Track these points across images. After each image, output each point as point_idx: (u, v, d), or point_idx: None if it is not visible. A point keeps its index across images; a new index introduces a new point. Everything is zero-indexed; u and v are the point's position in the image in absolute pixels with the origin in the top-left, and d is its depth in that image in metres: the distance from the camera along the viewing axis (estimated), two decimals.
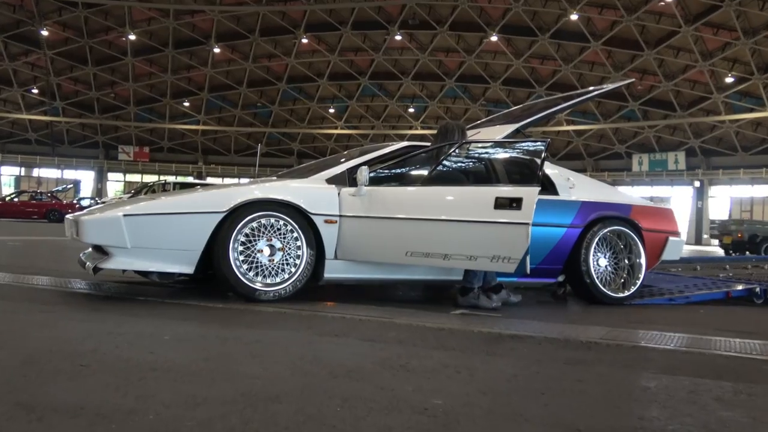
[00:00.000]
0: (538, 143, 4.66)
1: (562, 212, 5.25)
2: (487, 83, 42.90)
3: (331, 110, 49.07)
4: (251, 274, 4.30)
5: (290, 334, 3.37)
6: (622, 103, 40.80)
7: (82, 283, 4.98)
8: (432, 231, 4.43)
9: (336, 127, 49.74)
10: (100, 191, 47.95)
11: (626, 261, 5.47)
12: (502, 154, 5.11)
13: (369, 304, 4.53)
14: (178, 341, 3.04)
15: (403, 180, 4.87)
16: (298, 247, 4.42)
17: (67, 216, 4.84)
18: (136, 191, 24.89)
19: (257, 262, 4.32)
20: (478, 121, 6.68)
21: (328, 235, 4.50)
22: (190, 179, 44.00)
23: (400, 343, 3.24)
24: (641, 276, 5.47)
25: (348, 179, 4.70)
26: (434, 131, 5.25)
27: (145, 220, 4.17)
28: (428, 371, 2.66)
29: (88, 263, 4.36)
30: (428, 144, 5.22)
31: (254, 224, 4.32)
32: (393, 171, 4.86)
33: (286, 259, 4.39)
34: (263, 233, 4.35)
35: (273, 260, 4.36)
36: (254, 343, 3.09)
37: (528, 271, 4.27)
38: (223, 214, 4.25)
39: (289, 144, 50.84)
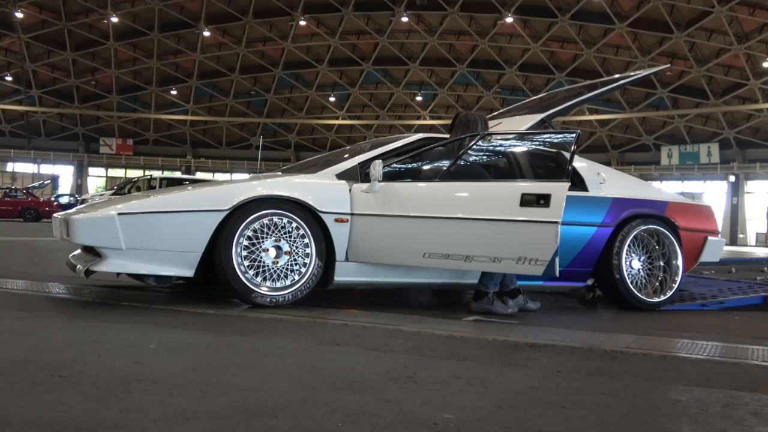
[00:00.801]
0: (568, 135, 4.68)
1: (591, 210, 5.25)
2: (501, 69, 42.88)
3: (332, 99, 49.10)
4: (254, 275, 4.32)
5: (288, 343, 3.38)
6: (649, 90, 40.74)
7: (60, 287, 5.00)
8: (452, 231, 4.45)
9: (337, 117, 49.77)
10: (80, 187, 48.06)
11: (661, 263, 5.46)
12: (527, 147, 5.12)
13: (373, 310, 4.53)
14: (166, 350, 3.05)
15: (420, 175, 4.89)
16: (307, 249, 4.44)
17: (56, 215, 4.86)
18: (119, 187, 24.93)
19: (262, 265, 4.34)
20: (499, 111, 6.70)
21: (339, 235, 4.52)
22: (177, 174, 44.14)
23: (407, 352, 3.25)
24: (678, 279, 5.46)
25: (360, 174, 4.72)
26: (446, 121, 5.27)
27: (141, 219, 4.19)
28: (438, 383, 2.67)
29: (78, 266, 4.37)
30: (446, 136, 5.24)
31: (259, 223, 4.34)
32: (409, 165, 4.87)
33: (294, 262, 4.41)
34: (269, 233, 4.37)
35: (280, 263, 4.38)
36: (248, 352, 3.10)
37: (557, 273, 4.28)
38: (226, 212, 4.27)
39: (285, 135, 50.91)
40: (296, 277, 4.41)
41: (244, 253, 4.30)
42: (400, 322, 4.04)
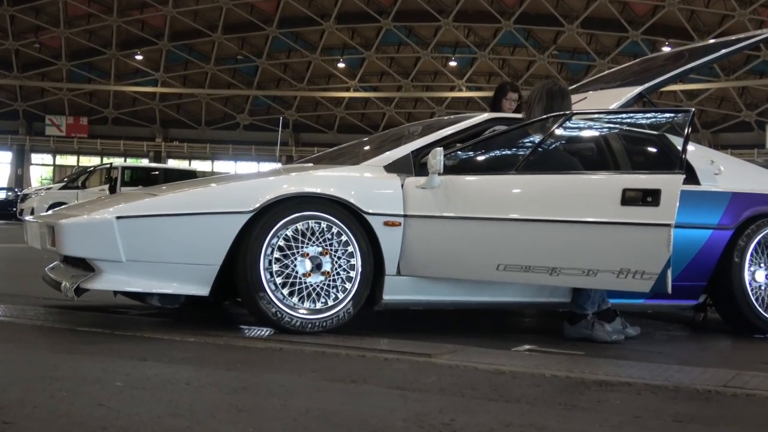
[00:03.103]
0: (679, 113, 4.70)
1: (705, 208, 5.23)
2: (559, 25, 42.73)
3: (341, 65, 49.14)
4: (291, 297, 4.35)
5: (289, 380, 3.39)
6: (750, 52, 40.40)
7: None
8: (534, 236, 4.48)
9: (347, 89, 49.82)
10: (20, 178, 48.36)
11: None
12: (625, 129, 5.12)
13: (398, 336, 4.54)
14: (136, 389, 3.07)
15: (491, 166, 4.92)
16: (351, 260, 4.47)
17: (30, 218, 4.91)
18: (70, 179, 25.15)
19: (298, 282, 4.37)
20: (581, 83, 6.71)
21: (389, 242, 4.55)
22: (144, 162, 44.35)
23: (442, 392, 3.25)
24: None
25: (414, 165, 4.75)
26: (487, 93, 5.30)
27: (145, 223, 4.24)
28: None
29: (64, 283, 4.39)
30: (520, 116, 5.26)
31: (290, 230, 4.36)
32: (476, 154, 4.90)
33: (335, 276, 4.45)
34: (305, 241, 4.40)
35: (318, 278, 4.41)
36: (240, 391, 3.12)
37: (669, 289, 4.28)
38: (250, 215, 4.31)
39: (282, 112, 50.88)
40: (344, 290, 4.45)
41: (277, 275, 4.32)
42: (432, 351, 4.04)
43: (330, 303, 4.42)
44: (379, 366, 3.72)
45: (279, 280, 4.33)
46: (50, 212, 5.32)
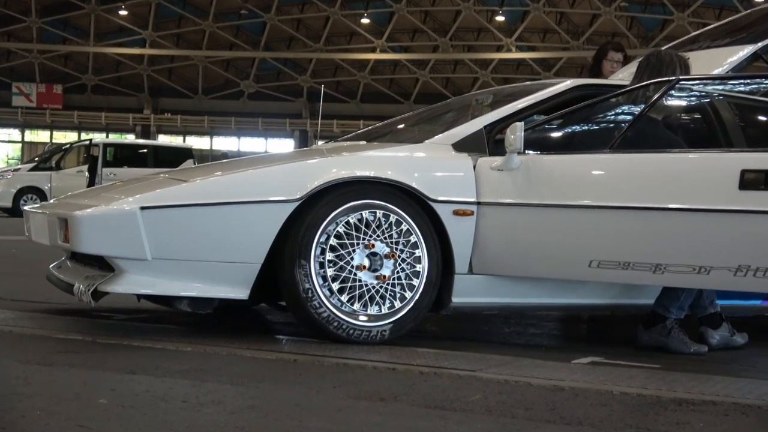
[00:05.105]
0: None
1: None
2: None
3: (365, 21, 49.09)
4: (347, 300, 4.37)
5: (306, 397, 3.40)
6: None
7: None
8: (635, 227, 4.47)
9: (373, 49, 49.76)
10: None
11: None
12: (742, 99, 5.11)
13: (434, 345, 4.54)
14: (123, 407, 3.09)
15: (580, 143, 4.92)
16: (416, 257, 4.49)
17: (31, 208, 4.94)
18: (42, 159, 25.28)
19: (355, 282, 4.39)
20: (679, 41, 6.68)
21: (460, 234, 4.55)
22: (130, 138, 44.53)
23: (488, 412, 3.25)
24: None
25: (488, 143, 4.75)
26: (544, 54, 5.27)
27: (174, 215, 4.27)
28: None
29: (77, 285, 4.41)
30: (614, 83, 5.27)
31: (349, 219, 4.39)
32: (562, 128, 4.92)
33: (398, 276, 4.47)
34: (362, 235, 4.42)
35: (372, 280, 4.43)
36: (246, 410, 3.13)
37: None
38: (296, 203, 4.33)
39: (294, 78, 51.06)
40: (408, 292, 4.47)
41: (330, 274, 4.34)
42: (477, 364, 4.04)
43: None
44: (413, 381, 3.72)
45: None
46: (54, 201, 5.35)
